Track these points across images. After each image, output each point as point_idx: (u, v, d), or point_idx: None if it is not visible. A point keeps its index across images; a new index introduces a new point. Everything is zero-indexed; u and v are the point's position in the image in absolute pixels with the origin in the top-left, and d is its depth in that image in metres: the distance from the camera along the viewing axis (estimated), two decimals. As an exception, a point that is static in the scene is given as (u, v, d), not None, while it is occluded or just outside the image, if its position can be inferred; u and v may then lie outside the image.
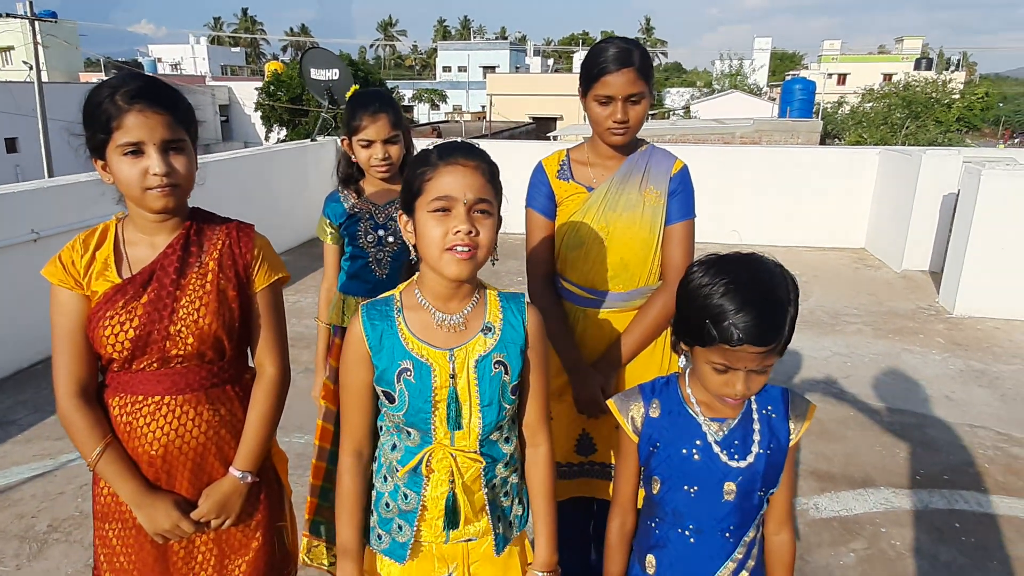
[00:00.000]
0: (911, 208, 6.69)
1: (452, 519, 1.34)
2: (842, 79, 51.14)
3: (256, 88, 28.66)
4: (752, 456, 1.34)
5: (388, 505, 1.39)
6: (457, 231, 1.22)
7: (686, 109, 38.27)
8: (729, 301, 1.22)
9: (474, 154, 1.28)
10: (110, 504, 1.47)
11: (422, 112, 45.82)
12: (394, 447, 1.37)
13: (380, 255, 2.22)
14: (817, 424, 3.81)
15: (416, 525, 1.36)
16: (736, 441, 1.34)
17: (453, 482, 1.33)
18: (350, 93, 2.25)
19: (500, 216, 1.32)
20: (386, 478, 1.39)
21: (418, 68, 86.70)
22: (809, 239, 7.86)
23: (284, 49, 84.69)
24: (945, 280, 5.93)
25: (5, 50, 37.03)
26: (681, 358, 1.39)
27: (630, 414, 1.41)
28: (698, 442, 1.35)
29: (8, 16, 23.65)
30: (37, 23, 21.22)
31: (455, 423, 1.31)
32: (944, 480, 3.30)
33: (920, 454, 3.53)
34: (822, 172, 7.78)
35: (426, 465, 1.33)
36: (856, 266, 7.22)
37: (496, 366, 1.32)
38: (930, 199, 6.63)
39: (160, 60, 51.84)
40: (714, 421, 1.36)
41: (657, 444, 1.38)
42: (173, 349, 1.39)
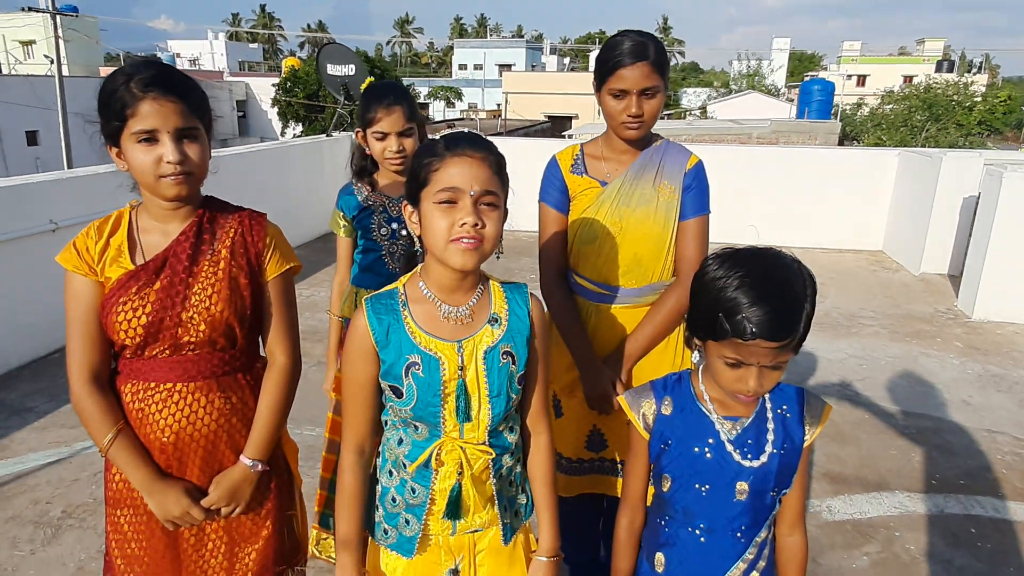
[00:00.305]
0: (930, 210, 6.60)
1: (454, 510, 1.34)
2: (862, 81, 50.60)
3: (273, 84, 28.84)
4: (765, 456, 1.32)
5: (394, 500, 1.38)
6: (463, 223, 1.21)
7: (703, 109, 38.04)
8: (743, 294, 1.19)
9: (481, 145, 1.26)
10: (122, 490, 1.48)
11: (437, 110, 45.92)
12: (400, 441, 1.36)
13: (393, 248, 2.21)
14: (831, 426, 3.77)
15: (424, 519, 1.35)
16: (749, 440, 1.32)
17: (461, 474, 1.32)
18: (365, 85, 2.25)
19: (507, 208, 1.31)
20: (391, 473, 1.38)
21: (434, 66, 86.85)
22: (826, 241, 7.78)
23: (301, 45, 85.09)
24: (964, 283, 5.84)
25: (27, 44, 37.53)
26: (694, 354, 1.37)
27: (641, 411, 1.39)
28: (711, 440, 1.33)
29: (30, 10, 23.93)
30: (58, 17, 21.48)
31: (464, 415, 1.30)
32: (960, 485, 3.25)
33: (936, 458, 3.48)
34: (840, 173, 7.70)
35: (436, 458, 1.32)
36: (873, 268, 7.14)
37: (504, 356, 1.31)
38: (950, 201, 6.54)
39: (179, 56, 52.21)
40: (727, 419, 1.34)
41: (669, 442, 1.36)
42: (185, 336, 1.40)
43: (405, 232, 2.19)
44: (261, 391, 1.51)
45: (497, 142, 1.37)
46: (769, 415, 1.34)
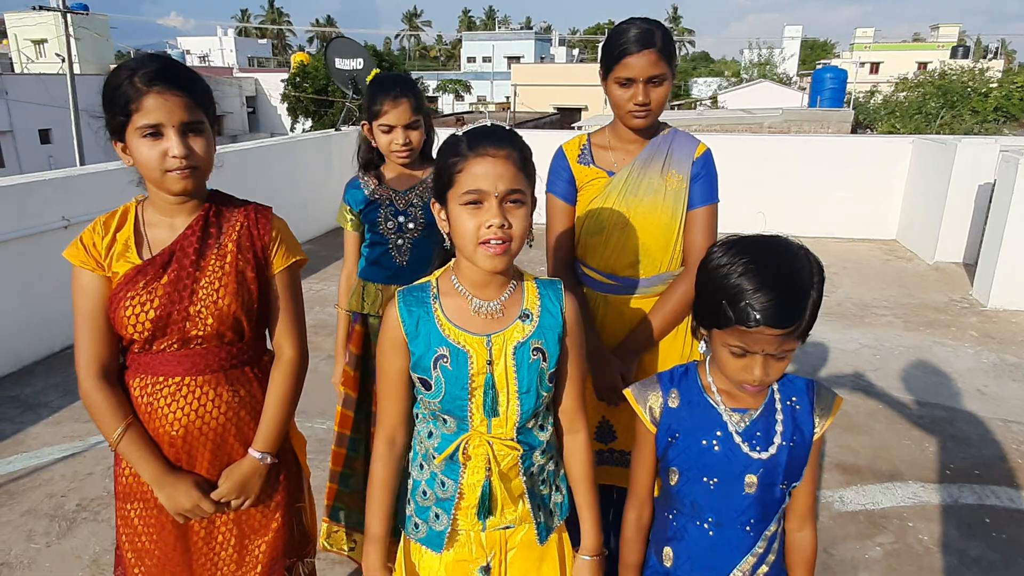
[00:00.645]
0: (945, 198, 6.52)
1: (487, 507, 1.33)
2: (875, 68, 49.95)
3: (282, 80, 28.90)
4: (774, 448, 1.30)
5: (425, 493, 1.38)
6: (490, 225, 1.20)
7: (713, 99, 37.72)
8: (748, 281, 1.17)
9: (504, 142, 1.24)
10: (132, 484, 1.49)
11: (446, 103, 45.82)
12: (430, 434, 1.36)
13: (400, 241, 2.21)
14: (844, 417, 3.74)
15: (453, 513, 1.35)
16: (758, 432, 1.31)
17: (490, 470, 1.32)
18: (371, 77, 2.24)
19: (535, 198, 1.30)
20: (422, 466, 1.39)
21: (443, 59, 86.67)
22: (839, 230, 7.72)
23: (310, 40, 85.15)
24: (979, 272, 5.77)
25: (38, 43, 37.78)
26: (701, 344, 1.35)
27: (648, 404, 1.38)
28: (719, 433, 1.31)
29: (41, 9, 24.09)
30: (69, 16, 21.63)
31: (492, 410, 1.30)
32: (975, 475, 3.22)
33: (950, 448, 3.45)
34: (853, 162, 7.61)
35: (463, 453, 1.32)
36: (887, 257, 7.06)
37: (534, 353, 1.30)
38: (965, 189, 6.46)
39: (188, 52, 52.48)
40: (736, 412, 1.32)
41: (676, 435, 1.35)
42: (193, 330, 1.40)
43: (412, 225, 2.19)
44: (269, 384, 1.51)
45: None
46: (778, 407, 1.32)
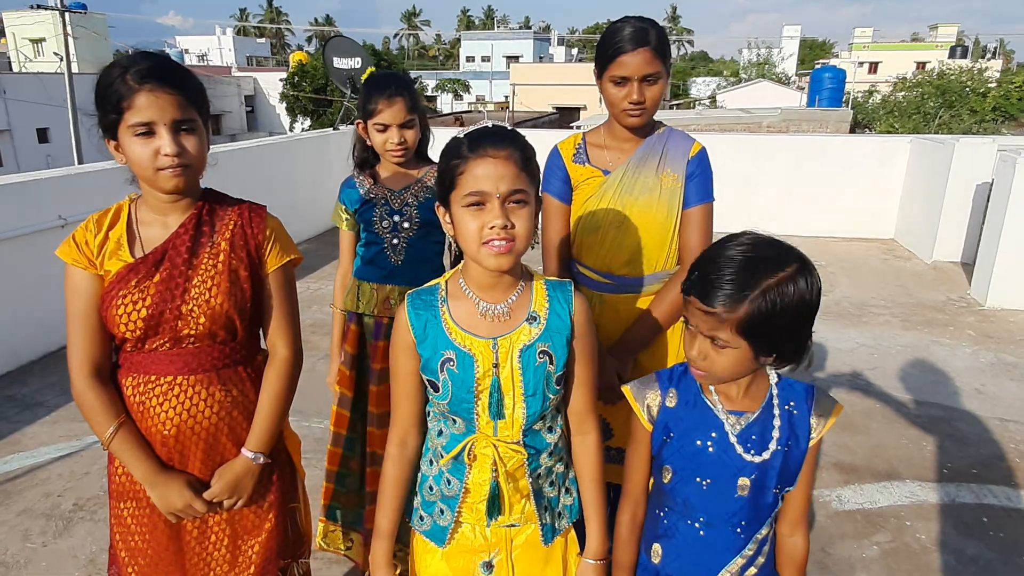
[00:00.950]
0: (943, 198, 6.52)
1: (495, 507, 1.34)
2: (873, 68, 49.97)
3: (281, 79, 28.86)
4: (768, 452, 1.29)
5: (432, 488, 1.40)
6: (492, 226, 1.20)
7: (712, 99, 37.71)
8: (707, 259, 1.24)
9: (504, 142, 1.23)
10: (125, 483, 1.48)
11: (445, 102, 45.80)
12: (440, 433, 1.38)
13: (395, 240, 2.20)
14: (842, 416, 3.71)
15: (457, 510, 1.37)
16: (753, 435, 1.30)
17: (496, 471, 1.32)
18: (366, 75, 2.23)
19: (539, 198, 1.30)
20: (432, 462, 1.40)
21: (441, 58, 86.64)
22: (837, 229, 7.71)
23: (309, 39, 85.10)
24: (977, 271, 5.77)
25: (37, 42, 37.73)
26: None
27: (646, 402, 1.38)
28: (714, 434, 1.31)
29: (39, 8, 24.07)
30: (67, 15, 21.61)
31: (497, 413, 1.30)
32: (972, 474, 3.22)
33: (948, 447, 3.45)
34: (851, 161, 7.61)
35: (468, 454, 1.33)
36: (885, 257, 7.06)
37: (541, 356, 1.30)
38: (963, 188, 6.46)
39: (187, 51, 52.45)
40: (732, 414, 1.32)
41: (671, 434, 1.34)
42: (185, 329, 1.39)
43: (407, 225, 2.18)
44: (262, 384, 1.51)
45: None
46: (776, 411, 1.31)
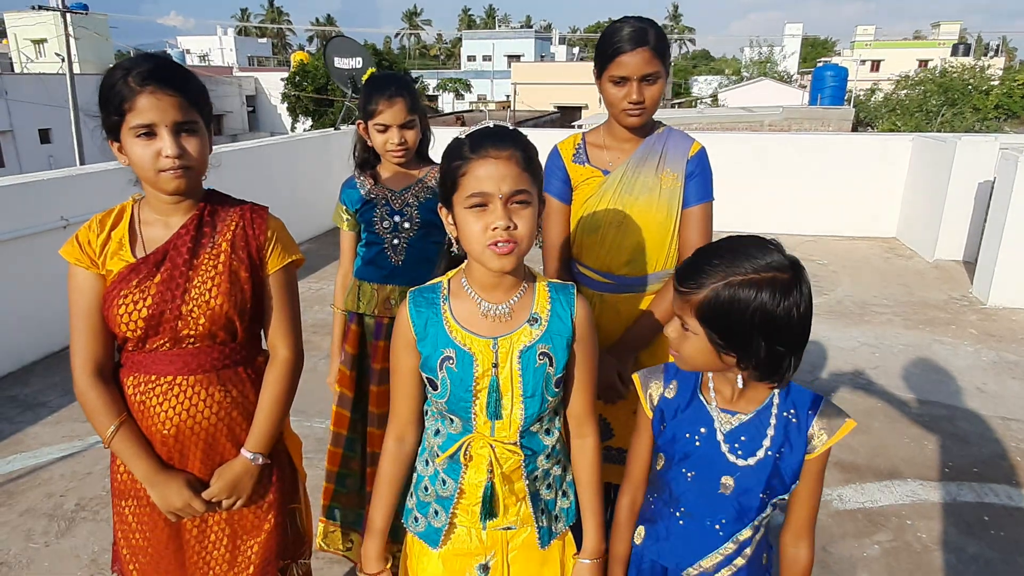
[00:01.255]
0: (945, 196, 6.51)
1: (489, 509, 1.34)
2: (876, 66, 49.86)
3: (282, 79, 28.88)
4: (755, 458, 1.28)
5: (427, 489, 1.40)
6: (495, 227, 1.20)
7: (714, 97, 37.66)
8: (701, 248, 1.29)
9: (506, 142, 1.22)
10: (126, 482, 1.49)
11: (446, 102, 45.79)
12: (437, 432, 1.37)
13: (396, 241, 2.21)
14: (842, 415, 3.73)
15: (452, 511, 1.36)
16: (743, 437, 1.29)
17: (492, 472, 1.32)
18: (367, 76, 2.24)
19: (542, 198, 1.30)
20: (427, 462, 1.40)
21: (443, 57, 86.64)
22: (839, 228, 7.71)
23: (310, 39, 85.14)
24: (979, 270, 5.77)
25: (38, 42, 37.79)
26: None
27: (649, 391, 1.39)
28: (703, 430, 1.32)
29: (41, 8, 24.12)
30: (69, 15, 21.64)
31: (495, 413, 1.30)
32: (974, 473, 3.22)
33: (950, 446, 3.45)
34: (853, 160, 7.60)
35: (464, 453, 1.33)
36: (887, 255, 7.06)
37: (541, 357, 1.30)
38: (965, 187, 6.45)
39: (188, 52, 52.53)
40: (725, 412, 1.31)
41: (664, 423, 1.37)
42: (185, 329, 1.40)
43: (407, 225, 2.19)
44: (263, 384, 1.51)
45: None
46: (772, 418, 1.29)
